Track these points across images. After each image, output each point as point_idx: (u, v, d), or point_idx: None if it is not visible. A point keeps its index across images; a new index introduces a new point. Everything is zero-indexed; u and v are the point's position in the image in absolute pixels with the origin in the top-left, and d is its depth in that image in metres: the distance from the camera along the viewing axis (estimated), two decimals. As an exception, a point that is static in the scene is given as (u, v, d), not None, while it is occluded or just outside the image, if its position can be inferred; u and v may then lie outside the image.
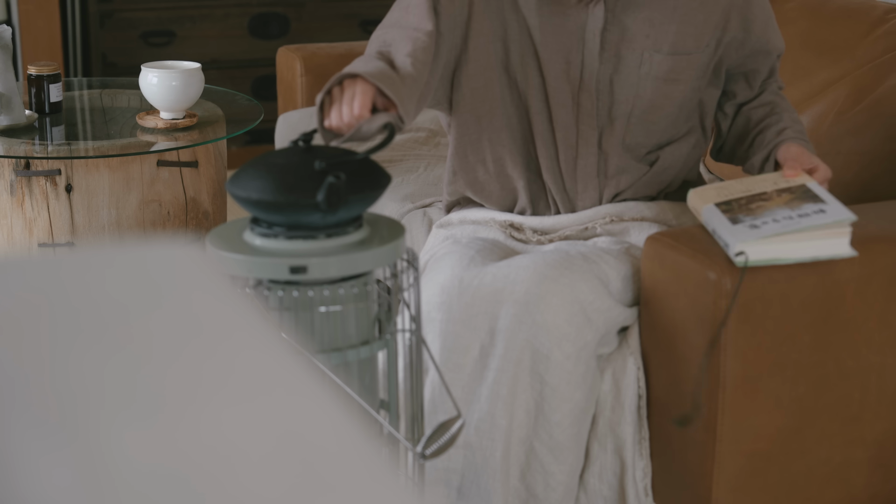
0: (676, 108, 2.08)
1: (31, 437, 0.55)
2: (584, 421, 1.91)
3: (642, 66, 2.04)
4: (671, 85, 2.06)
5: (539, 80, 2.06)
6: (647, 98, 2.06)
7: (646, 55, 2.04)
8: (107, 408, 0.57)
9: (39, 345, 0.62)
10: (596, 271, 1.93)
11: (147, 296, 0.68)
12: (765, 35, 2.11)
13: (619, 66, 2.04)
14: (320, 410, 0.59)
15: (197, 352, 0.63)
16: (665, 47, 2.04)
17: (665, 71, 2.05)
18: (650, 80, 2.05)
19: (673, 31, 2.04)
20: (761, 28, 2.10)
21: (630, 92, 2.05)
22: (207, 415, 0.57)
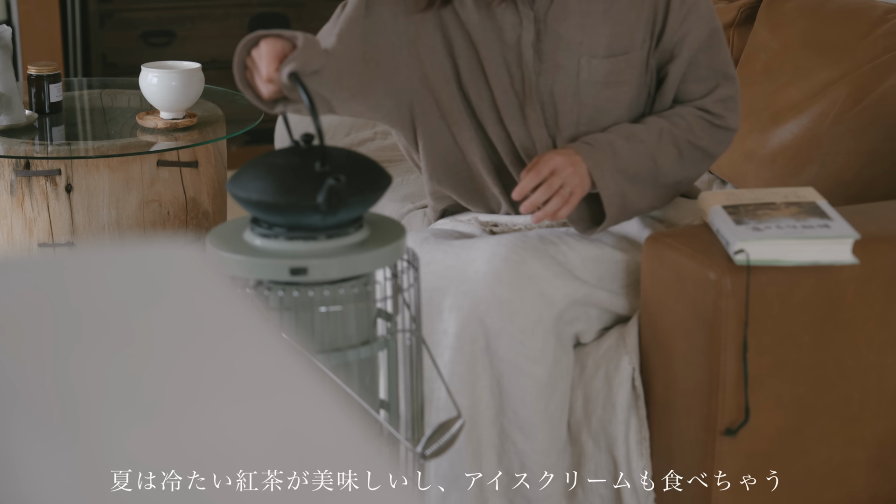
0: (626, 109, 2.05)
1: (32, 438, 0.55)
2: (552, 397, 1.91)
3: (580, 72, 2.02)
4: (614, 88, 2.03)
5: (488, 93, 2.04)
6: (591, 104, 2.03)
7: (583, 61, 2.01)
8: (107, 408, 0.57)
9: (40, 345, 0.62)
10: (551, 251, 1.95)
11: (147, 296, 0.68)
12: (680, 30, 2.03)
13: (558, 75, 2.02)
14: (320, 410, 0.59)
15: (197, 352, 0.63)
16: (601, 51, 2.01)
17: (604, 74, 2.02)
18: (591, 85, 2.02)
19: (606, 33, 2.01)
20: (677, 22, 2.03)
21: (573, 100, 2.02)
22: (208, 415, 0.57)
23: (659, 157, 2.00)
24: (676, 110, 2.05)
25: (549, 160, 1.93)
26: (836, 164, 2.35)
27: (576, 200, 1.94)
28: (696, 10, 2.03)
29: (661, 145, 2.01)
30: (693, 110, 2.05)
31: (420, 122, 2.08)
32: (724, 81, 2.05)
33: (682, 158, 2.03)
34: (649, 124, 2.02)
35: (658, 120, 2.03)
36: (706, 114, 2.04)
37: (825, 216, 1.83)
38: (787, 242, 1.77)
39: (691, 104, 2.05)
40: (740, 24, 2.73)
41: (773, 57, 2.58)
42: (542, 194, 1.92)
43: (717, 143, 2.05)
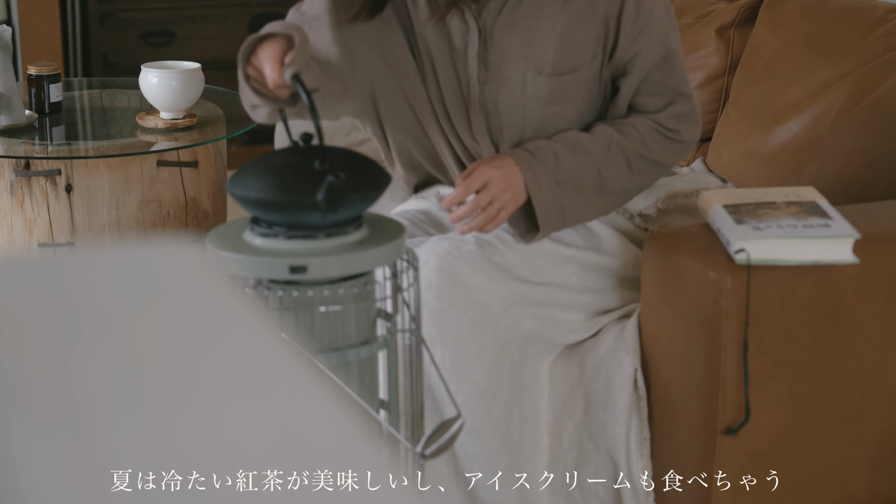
0: (573, 123, 2.04)
1: (32, 438, 0.55)
2: (494, 401, 1.92)
3: (525, 87, 2.00)
4: (559, 105, 2.01)
5: (438, 94, 2.04)
6: (536, 118, 2.01)
7: (528, 76, 1.99)
8: (107, 407, 0.57)
9: (40, 345, 0.62)
10: (488, 253, 1.95)
11: (147, 296, 0.68)
12: (631, 49, 2.01)
13: (503, 88, 2.00)
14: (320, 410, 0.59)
15: (197, 352, 0.63)
16: (546, 68, 1.99)
17: (549, 92, 2.00)
18: (535, 101, 2.00)
19: (552, 51, 1.99)
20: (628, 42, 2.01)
21: (517, 113, 2.01)
22: (208, 414, 0.57)
23: (605, 168, 1.99)
24: (629, 120, 2.04)
25: (483, 173, 1.92)
26: (837, 164, 2.35)
27: (505, 215, 1.94)
28: (648, 31, 2.00)
29: (608, 156, 2.00)
30: (647, 121, 2.04)
31: (384, 109, 2.08)
32: (679, 98, 2.04)
33: (630, 170, 2.02)
34: (598, 134, 2.01)
35: (608, 129, 2.01)
36: (660, 127, 2.04)
37: (826, 215, 1.83)
38: (787, 242, 1.77)
39: (646, 116, 2.05)
40: (741, 24, 2.73)
41: (774, 56, 2.58)
42: (469, 209, 1.93)
43: (672, 153, 2.05)
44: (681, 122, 2.05)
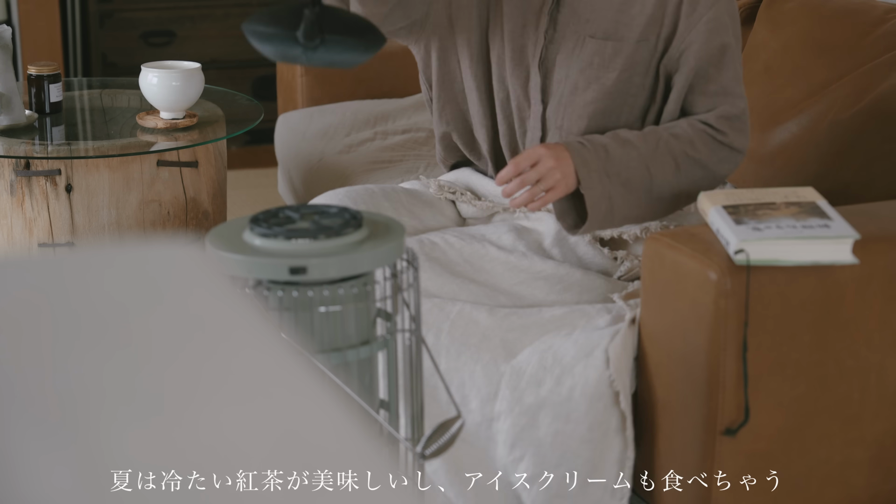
0: (605, 96, 2.09)
1: (32, 437, 0.55)
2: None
3: (575, 48, 2.09)
4: (597, 70, 2.08)
5: (503, 50, 2.14)
6: (573, 80, 2.09)
7: (580, 38, 2.09)
8: (107, 407, 0.57)
9: (39, 345, 0.62)
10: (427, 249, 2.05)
11: (147, 296, 0.68)
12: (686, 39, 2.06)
13: (563, 47, 2.10)
14: (320, 410, 0.59)
15: (197, 351, 0.63)
16: (599, 33, 2.08)
17: (590, 54, 2.08)
18: (578, 61, 2.09)
19: (609, 17, 2.07)
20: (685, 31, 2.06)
21: (563, 73, 2.10)
22: (207, 415, 0.57)
23: (654, 166, 2.02)
24: (679, 122, 2.07)
25: (533, 152, 1.98)
26: (836, 164, 2.35)
27: (552, 196, 1.98)
28: (706, 22, 2.04)
29: (657, 154, 2.02)
30: (695, 123, 2.06)
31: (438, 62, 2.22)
32: (731, 99, 2.06)
33: (678, 171, 2.04)
34: (648, 133, 2.04)
35: (657, 129, 2.05)
36: (709, 128, 2.05)
37: (825, 216, 1.83)
38: (787, 242, 1.77)
39: (695, 117, 2.07)
40: (740, 25, 2.73)
41: (773, 57, 2.58)
42: (516, 186, 1.98)
43: (720, 160, 2.06)
44: (730, 125, 2.06)
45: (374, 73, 3.19)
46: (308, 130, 3.00)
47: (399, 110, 3.07)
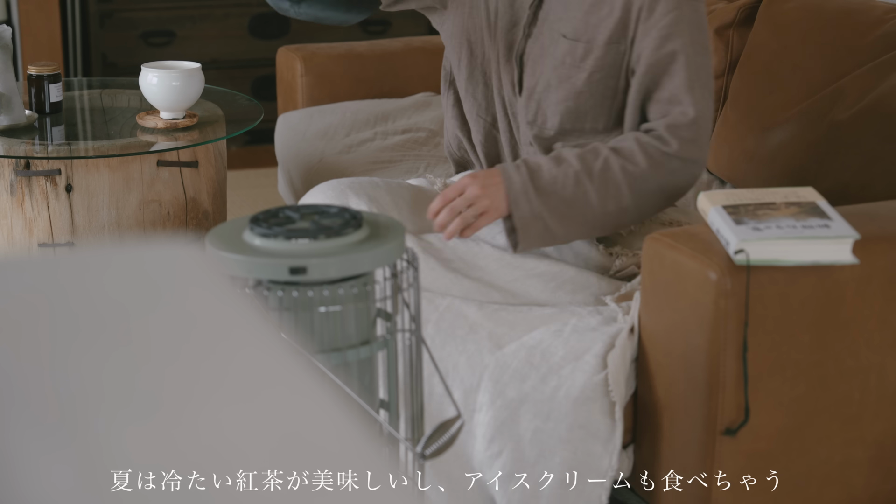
0: (576, 96, 2.12)
1: (31, 437, 0.55)
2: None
3: (550, 45, 2.14)
4: (566, 69, 2.12)
5: (494, 42, 2.22)
6: (547, 77, 2.14)
7: (555, 36, 2.14)
8: (106, 407, 0.57)
9: (39, 345, 0.62)
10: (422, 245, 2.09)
11: (146, 296, 0.68)
12: (641, 44, 2.07)
13: (540, 43, 2.16)
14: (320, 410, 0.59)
15: (196, 351, 0.63)
16: (570, 33, 2.12)
17: (562, 54, 2.12)
18: (551, 59, 2.14)
19: (579, 18, 2.11)
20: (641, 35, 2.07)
21: (538, 69, 2.15)
22: (207, 415, 0.57)
23: (592, 182, 2.02)
24: (627, 135, 2.08)
25: (460, 182, 2.04)
26: (836, 164, 2.35)
27: (484, 221, 2.03)
28: (659, 28, 2.05)
29: (594, 171, 2.03)
30: (641, 136, 2.06)
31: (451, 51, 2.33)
32: (681, 108, 2.05)
33: (622, 186, 2.03)
34: (588, 150, 2.05)
35: (599, 146, 2.06)
36: (655, 140, 2.05)
37: (825, 216, 1.83)
38: (787, 242, 1.77)
39: (647, 125, 2.07)
40: (740, 25, 2.73)
41: (773, 57, 2.58)
42: (447, 215, 2.02)
43: (670, 171, 2.04)
44: (677, 134, 2.04)
45: (374, 73, 3.19)
46: (308, 130, 3.00)
47: (399, 110, 3.07)
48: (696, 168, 2.06)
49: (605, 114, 2.13)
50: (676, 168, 2.04)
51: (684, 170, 2.05)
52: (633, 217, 2.07)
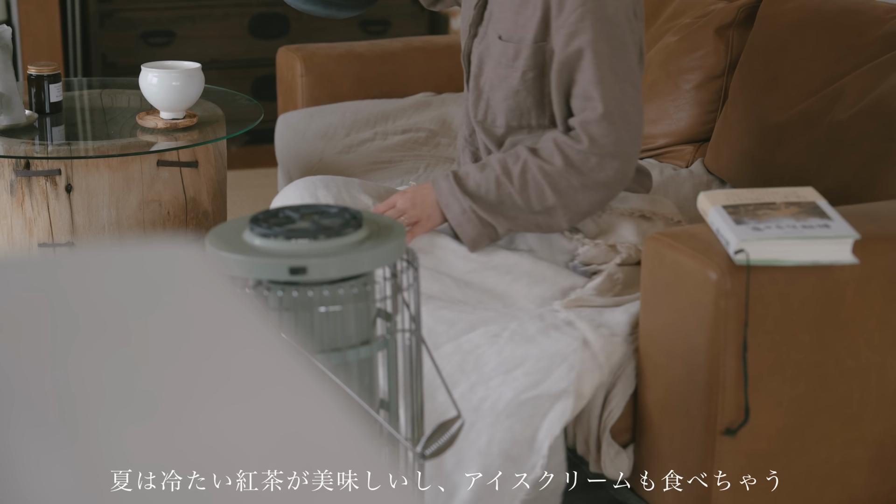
0: (513, 95, 2.17)
1: (31, 437, 0.55)
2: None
3: (491, 45, 2.20)
4: (503, 69, 2.17)
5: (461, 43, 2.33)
6: (489, 76, 2.20)
7: (493, 37, 2.20)
8: (106, 407, 0.57)
9: (39, 345, 0.62)
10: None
11: (146, 296, 0.68)
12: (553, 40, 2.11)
13: (484, 43, 2.22)
14: (320, 410, 0.59)
15: (196, 351, 0.63)
16: (503, 33, 2.18)
17: (499, 53, 2.18)
18: (491, 59, 2.20)
19: (509, 19, 2.16)
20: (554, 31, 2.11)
21: (483, 68, 2.22)
22: (207, 415, 0.57)
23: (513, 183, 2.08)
24: (547, 134, 2.12)
25: (389, 200, 2.14)
26: (836, 164, 2.35)
27: (419, 230, 2.12)
28: (567, 25, 2.08)
29: (514, 172, 2.08)
30: (559, 135, 2.10)
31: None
32: (591, 104, 2.06)
33: (544, 185, 2.07)
34: (510, 154, 2.11)
35: (520, 149, 2.11)
36: (570, 139, 2.08)
37: (825, 216, 1.83)
38: (787, 242, 1.77)
39: (571, 121, 2.10)
40: (740, 24, 2.73)
41: (773, 57, 2.58)
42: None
43: (591, 169, 2.06)
44: (588, 130, 2.06)
45: (374, 73, 3.19)
46: (308, 130, 3.00)
47: (399, 110, 3.07)
48: (618, 162, 2.06)
49: (547, 110, 2.18)
50: (595, 165, 2.06)
51: (604, 165, 2.06)
52: (565, 215, 2.09)
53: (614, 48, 2.06)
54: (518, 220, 2.09)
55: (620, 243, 2.14)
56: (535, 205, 2.08)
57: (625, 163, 2.07)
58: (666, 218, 2.23)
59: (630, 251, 2.13)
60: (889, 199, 2.15)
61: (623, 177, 2.08)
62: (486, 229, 2.09)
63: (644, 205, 2.24)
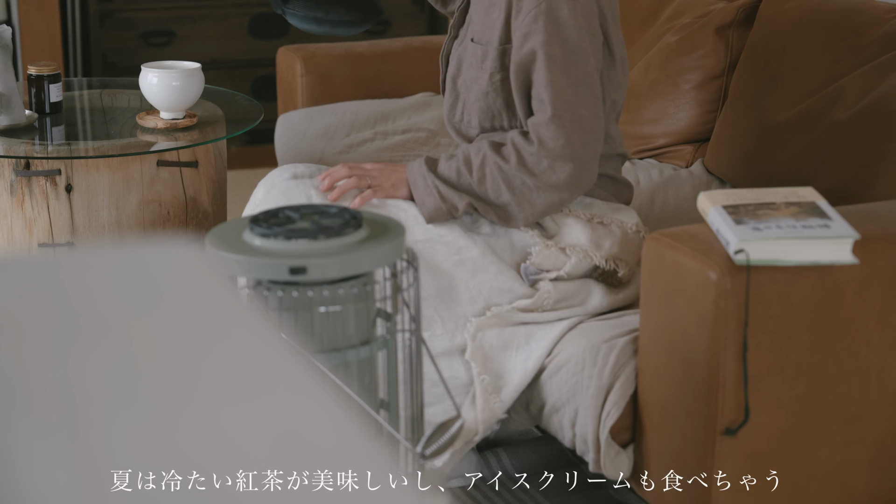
0: (484, 96, 2.19)
1: (32, 437, 0.55)
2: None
3: (466, 48, 2.22)
4: (474, 70, 2.20)
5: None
6: (464, 78, 2.23)
7: (468, 39, 2.22)
8: (107, 407, 0.57)
9: (40, 345, 0.62)
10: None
11: (147, 296, 0.68)
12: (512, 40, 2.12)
13: (462, 45, 2.25)
14: (320, 410, 0.59)
15: (196, 351, 0.63)
16: (475, 36, 2.21)
17: (471, 56, 2.21)
18: (465, 61, 2.23)
19: (479, 21, 2.20)
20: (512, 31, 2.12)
21: (460, 70, 2.24)
22: (207, 414, 0.57)
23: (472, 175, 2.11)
24: (509, 132, 2.14)
25: (363, 163, 2.19)
26: (836, 164, 2.34)
27: (374, 195, 2.15)
28: (522, 27, 2.09)
29: (475, 165, 2.10)
30: (515, 134, 2.11)
31: None
32: (543, 106, 2.07)
33: (500, 181, 2.09)
34: (474, 145, 2.14)
35: (483, 143, 2.13)
36: (524, 139, 2.09)
37: (825, 216, 1.83)
38: (787, 242, 1.77)
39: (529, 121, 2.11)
40: (740, 24, 2.73)
41: (773, 57, 2.58)
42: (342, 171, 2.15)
43: (543, 170, 2.06)
44: (538, 132, 2.06)
45: (374, 73, 3.19)
46: (308, 130, 3.00)
47: (399, 110, 3.07)
48: (570, 166, 2.06)
49: (515, 113, 2.19)
50: (546, 167, 2.06)
51: (556, 168, 2.06)
52: (521, 213, 2.10)
53: (569, 52, 2.05)
54: (478, 206, 2.11)
55: (571, 246, 2.12)
56: (493, 197, 2.10)
57: (577, 166, 2.05)
58: (624, 226, 2.19)
59: (579, 256, 2.11)
60: (889, 199, 2.15)
61: (578, 181, 2.07)
62: (445, 204, 2.10)
63: (607, 212, 2.21)
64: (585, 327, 2.09)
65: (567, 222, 2.17)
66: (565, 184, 2.06)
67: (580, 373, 2.00)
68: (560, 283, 2.10)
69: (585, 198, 2.20)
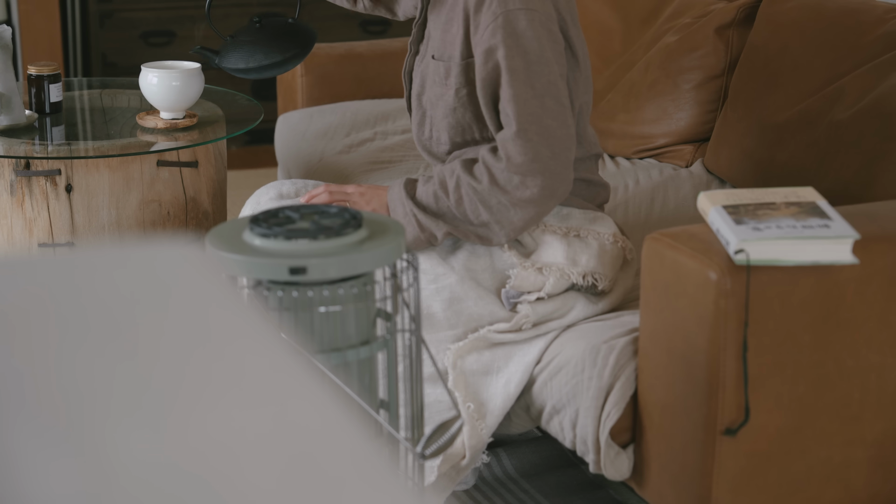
0: (451, 112, 2.17)
1: (35, 440, 0.55)
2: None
3: (428, 65, 2.21)
4: (438, 87, 2.18)
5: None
6: (429, 95, 2.21)
7: (429, 56, 2.21)
8: (107, 408, 0.57)
9: (40, 345, 0.62)
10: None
11: (147, 296, 0.68)
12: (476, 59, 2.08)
13: (424, 61, 2.23)
14: (320, 411, 0.59)
15: (196, 352, 0.63)
16: (436, 52, 2.18)
17: (433, 72, 2.19)
18: (428, 78, 2.21)
19: (439, 38, 2.18)
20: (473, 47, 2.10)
21: (424, 85, 2.23)
22: (207, 415, 0.57)
23: (448, 198, 2.09)
24: (480, 150, 2.10)
25: (345, 185, 2.20)
26: (836, 164, 2.35)
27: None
28: (482, 42, 2.06)
29: (450, 186, 2.09)
30: (485, 152, 2.08)
31: None
32: (508, 121, 2.04)
33: (473, 199, 2.07)
34: (447, 167, 2.12)
35: (456, 165, 2.11)
36: (492, 156, 2.06)
37: (825, 216, 1.83)
38: (787, 242, 1.77)
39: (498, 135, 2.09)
40: (740, 24, 2.73)
41: (773, 56, 2.58)
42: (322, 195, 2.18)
43: (515, 187, 2.03)
44: (504, 148, 2.03)
45: (374, 73, 3.19)
46: (308, 130, 3.00)
47: (399, 110, 3.07)
48: (541, 179, 2.02)
49: (486, 127, 2.17)
50: (518, 183, 2.03)
51: (527, 183, 2.02)
52: (501, 230, 2.08)
53: (530, 63, 2.02)
54: (459, 229, 2.09)
55: (547, 265, 2.11)
56: (472, 218, 2.08)
57: (549, 178, 2.02)
58: (601, 237, 2.16)
59: (556, 275, 2.10)
60: (889, 199, 2.15)
61: (550, 193, 2.03)
62: (423, 234, 2.09)
63: (583, 223, 2.18)
64: (585, 328, 2.09)
65: (544, 239, 2.14)
66: (539, 197, 2.03)
67: (580, 374, 2.00)
68: (539, 304, 2.09)
69: (563, 208, 2.16)
